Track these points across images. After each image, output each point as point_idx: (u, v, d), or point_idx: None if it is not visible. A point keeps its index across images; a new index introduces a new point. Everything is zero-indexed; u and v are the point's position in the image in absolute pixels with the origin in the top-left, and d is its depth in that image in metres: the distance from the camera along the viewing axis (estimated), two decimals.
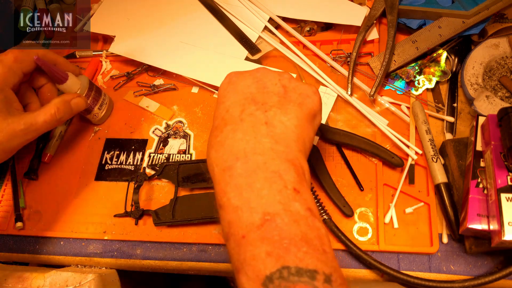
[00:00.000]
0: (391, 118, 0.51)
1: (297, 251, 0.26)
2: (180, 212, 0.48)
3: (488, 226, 0.38)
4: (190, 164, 0.51)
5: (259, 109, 0.34)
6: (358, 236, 0.46)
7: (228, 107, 0.35)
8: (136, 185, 0.51)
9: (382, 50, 0.55)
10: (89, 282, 0.46)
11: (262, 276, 0.25)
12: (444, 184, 0.45)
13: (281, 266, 0.25)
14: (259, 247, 0.26)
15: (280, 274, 0.25)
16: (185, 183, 0.51)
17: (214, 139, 0.33)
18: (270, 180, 0.29)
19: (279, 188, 0.29)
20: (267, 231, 0.27)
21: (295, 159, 0.32)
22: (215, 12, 0.62)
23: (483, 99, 0.48)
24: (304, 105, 0.35)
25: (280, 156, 0.31)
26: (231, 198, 0.29)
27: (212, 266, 0.48)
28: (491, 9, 0.51)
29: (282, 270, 0.25)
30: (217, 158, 0.32)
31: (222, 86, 0.38)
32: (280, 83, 0.36)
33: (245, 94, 0.35)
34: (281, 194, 0.29)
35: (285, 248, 0.26)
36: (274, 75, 0.37)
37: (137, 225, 0.50)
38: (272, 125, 0.33)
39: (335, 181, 0.48)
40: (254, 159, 0.30)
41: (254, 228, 0.27)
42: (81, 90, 0.52)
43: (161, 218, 0.48)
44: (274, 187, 0.29)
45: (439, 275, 0.43)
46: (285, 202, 0.28)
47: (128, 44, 0.61)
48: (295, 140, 0.33)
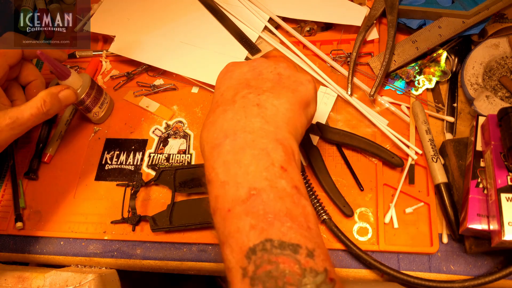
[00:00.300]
0: (391, 118, 0.51)
1: (281, 225, 0.27)
2: (177, 218, 0.48)
3: (488, 226, 0.38)
4: (187, 169, 0.51)
5: (252, 93, 0.34)
6: (358, 236, 0.46)
7: (223, 92, 0.36)
8: (132, 190, 0.51)
9: (382, 50, 0.55)
10: (89, 282, 0.46)
11: (245, 248, 0.26)
12: (444, 184, 0.45)
13: (264, 238, 0.26)
14: (244, 220, 0.27)
15: (263, 247, 0.25)
16: (182, 188, 0.50)
17: (207, 120, 0.35)
18: (258, 157, 0.30)
19: (266, 165, 0.29)
20: (252, 205, 0.28)
21: (284, 140, 0.32)
22: (215, 12, 0.62)
23: (483, 99, 0.48)
24: (297, 92, 0.36)
25: (269, 135, 0.31)
26: (219, 173, 0.30)
27: (212, 266, 0.48)
28: (491, 9, 0.51)
29: (265, 243, 0.26)
30: (208, 137, 0.33)
31: (220, 74, 0.39)
32: (276, 71, 0.37)
33: (240, 80, 0.36)
34: (267, 171, 0.29)
35: (269, 222, 0.27)
36: (270, 63, 0.38)
37: (134, 231, 0.50)
38: (263, 107, 0.33)
39: (335, 181, 0.48)
40: (243, 137, 0.31)
41: (240, 202, 0.28)
42: (82, 88, 0.53)
43: (158, 224, 0.48)
44: (261, 164, 0.29)
45: (439, 275, 0.43)
46: (271, 179, 0.29)
47: (128, 44, 0.61)
48: (285, 122, 0.33)
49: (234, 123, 0.32)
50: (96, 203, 0.53)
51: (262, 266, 0.25)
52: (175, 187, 0.50)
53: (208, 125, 0.34)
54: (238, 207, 0.28)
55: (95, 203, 0.53)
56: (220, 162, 0.30)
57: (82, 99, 0.53)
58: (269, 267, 0.25)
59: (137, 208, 0.51)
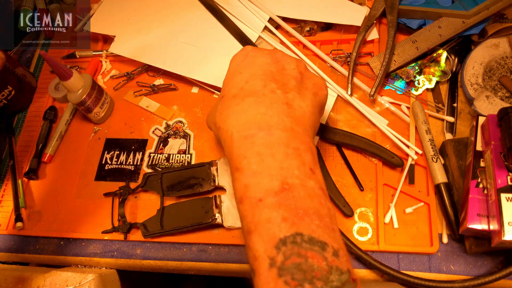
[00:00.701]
0: (391, 118, 0.51)
1: (310, 222, 0.27)
2: (168, 222, 0.48)
3: (488, 226, 0.38)
4: (173, 172, 0.51)
5: (279, 89, 0.35)
6: (358, 236, 0.46)
7: (248, 79, 0.35)
8: (120, 199, 0.51)
9: (382, 50, 0.55)
10: (89, 282, 0.46)
11: (276, 239, 0.27)
12: (444, 184, 0.45)
13: (295, 232, 0.27)
14: (276, 211, 0.28)
15: (294, 239, 0.26)
16: (170, 192, 0.50)
17: (235, 106, 0.34)
18: (291, 156, 0.31)
19: (298, 165, 0.30)
20: (284, 198, 0.28)
21: (310, 143, 0.33)
22: (215, 12, 0.62)
23: (483, 99, 0.48)
24: (318, 96, 0.37)
25: (299, 137, 0.33)
26: (252, 163, 0.30)
27: (212, 266, 0.48)
28: (491, 9, 0.51)
29: (295, 236, 0.26)
30: (238, 124, 0.33)
31: (238, 57, 0.38)
32: (298, 69, 0.37)
33: (265, 70, 0.36)
34: (299, 170, 0.30)
35: (300, 217, 0.27)
36: (292, 59, 0.38)
37: (126, 239, 0.50)
38: (292, 107, 0.34)
39: (335, 181, 0.48)
40: (277, 134, 0.32)
41: (273, 193, 0.29)
42: (84, 88, 0.53)
43: (150, 230, 0.48)
44: (294, 163, 0.30)
45: (439, 275, 0.43)
46: (302, 178, 0.30)
47: (128, 44, 0.61)
48: (310, 126, 0.35)
49: (267, 117, 0.32)
50: (96, 203, 0.53)
51: (291, 258, 0.25)
52: (163, 192, 0.50)
53: (238, 112, 0.33)
54: (271, 198, 0.28)
55: (95, 203, 0.53)
56: (253, 153, 0.31)
57: (83, 100, 0.54)
58: (298, 259, 0.25)
59: (127, 215, 0.51)
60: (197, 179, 0.50)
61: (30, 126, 0.62)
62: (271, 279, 0.25)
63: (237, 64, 0.38)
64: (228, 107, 0.34)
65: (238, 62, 0.38)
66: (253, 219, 0.28)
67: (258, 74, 0.35)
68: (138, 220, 0.50)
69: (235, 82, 0.36)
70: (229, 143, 0.33)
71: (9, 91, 0.59)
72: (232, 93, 0.35)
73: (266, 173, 0.30)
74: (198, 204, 0.49)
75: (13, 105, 0.61)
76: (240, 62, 0.37)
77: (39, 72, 0.68)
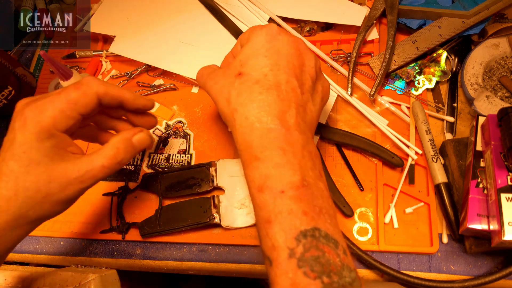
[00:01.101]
0: (391, 118, 0.51)
1: (324, 220, 0.29)
2: (166, 222, 0.48)
3: (488, 226, 0.38)
4: (171, 172, 0.51)
5: (299, 87, 0.35)
6: (358, 236, 0.46)
7: (273, 67, 0.34)
8: (119, 199, 0.51)
9: (382, 50, 0.55)
10: (89, 282, 0.46)
11: (297, 231, 0.28)
12: (444, 184, 0.45)
13: (314, 226, 0.28)
14: (298, 204, 0.29)
15: (313, 233, 0.27)
16: (168, 192, 0.50)
17: (258, 95, 0.33)
18: (306, 157, 0.32)
19: (311, 166, 0.32)
20: (304, 194, 0.30)
21: (316, 148, 0.35)
22: (215, 12, 0.62)
23: (483, 99, 0.48)
24: (324, 101, 0.39)
25: (310, 141, 0.34)
26: (274, 155, 0.31)
27: (212, 266, 0.48)
28: (491, 9, 0.51)
29: (314, 230, 0.28)
30: (260, 115, 0.32)
31: (263, 35, 0.36)
32: (315, 68, 0.37)
33: (289, 62, 0.35)
34: (313, 171, 0.32)
35: (317, 213, 0.29)
36: (312, 55, 0.38)
37: (124, 239, 0.50)
38: (305, 110, 0.35)
39: (335, 181, 0.48)
40: (295, 135, 0.32)
41: (295, 187, 0.30)
42: None
43: (148, 229, 0.48)
44: (309, 164, 0.32)
45: (439, 275, 0.43)
46: (315, 178, 0.31)
47: (128, 44, 0.61)
48: (314, 130, 0.37)
49: (288, 117, 0.33)
50: (96, 203, 0.53)
51: (310, 251, 0.27)
52: (161, 192, 0.50)
53: (261, 102, 0.33)
54: (292, 191, 0.29)
55: (95, 203, 0.53)
56: (276, 146, 0.31)
57: None
58: (317, 253, 0.27)
59: (125, 215, 0.51)
60: (196, 180, 0.50)
61: None
62: (290, 269, 0.26)
63: (262, 44, 0.36)
64: (249, 92, 0.33)
65: (263, 42, 0.36)
66: (274, 209, 0.29)
67: (283, 66, 0.34)
68: (137, 220, 0.50)
69: (258, 64, 0.35)
70: (248, 130, 0.33)
71: (9, 91, 0.59)
72: (254, 77, 0.34)
73: (288, 167, 0.30)
74: (196, 204, 0.49)
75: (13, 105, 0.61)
76: (266, 43, 0.35)
77: (39, 72, 0.68)
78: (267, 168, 0.31)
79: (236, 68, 0.36)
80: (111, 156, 0.37)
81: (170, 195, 0.50)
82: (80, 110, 0.36)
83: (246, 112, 0.33)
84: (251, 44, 0.36)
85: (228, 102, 0.35)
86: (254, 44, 0.36)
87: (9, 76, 0.59)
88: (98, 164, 0.36)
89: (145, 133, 0.40)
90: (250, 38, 0.37)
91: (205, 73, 0.40)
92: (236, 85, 0.34)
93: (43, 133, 0.34)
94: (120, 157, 0.37)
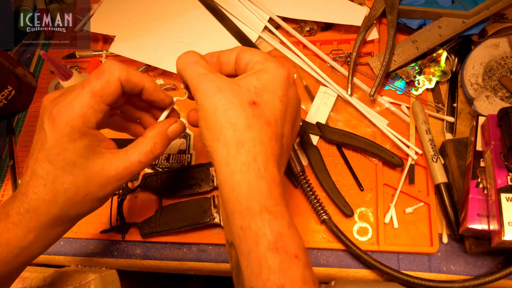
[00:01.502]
0: (391, 118, 0.51)
1: None
2: (166, 222, 0.48)
3: (488, 226, 0.38)
4: (171, 172, 0.51)
5: (291, 143, 0.35)
6: (358, 236, 0.46)
7: (282, 115, 0.32)
8: (119, 199, 0.51)
9: (382, 50, 0.55)
10: (89, 282, 0.46)
11: None
12: (444, 184, 0.45)
13: None
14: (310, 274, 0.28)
15: None
16: (168, 192, 0.50)
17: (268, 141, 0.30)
18: None
19: None
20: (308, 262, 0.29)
21: None
22: (215, 12, 0.62)
23: (483, 99, 0.48)
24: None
25: None
26: (285, 213, 0.29)
27: (212, 266, 0.48)
28: (491, 9, 0.51)
29: None
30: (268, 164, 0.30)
31: (283, 78, 0.33)
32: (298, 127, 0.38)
33: (292, 116, 0.34)
34: None
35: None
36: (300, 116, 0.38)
37: (123, 239, 0.50)
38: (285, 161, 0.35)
39: (335, 181, 0.48)
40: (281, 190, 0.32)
41: (305, 253, 0.29)
42: None
43: (148, 229, 0.48)
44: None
45: (439, 275, 0.43)
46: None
47: (128, 44, 0.61)
48: None
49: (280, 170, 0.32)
50: None
51: None
52: (161, 192, 0.50)
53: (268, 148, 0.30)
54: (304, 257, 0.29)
55: None
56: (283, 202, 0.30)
57: None
58: None
59: (126, 215, 0.51)
60: (195, 180, 0.50)
61: (30, 126, 0.62)
62: None
63: (280, 83, 0.32)
64: (260, 133, 0.30)
65: (282, 82, 0.32)
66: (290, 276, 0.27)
67: (288, 118, 0.33)
68: (137, 220, 0.50)
69: (273, 104, 0.31)
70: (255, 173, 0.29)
71: (9, 91, 0.59)
72: (267, 116, 0.31)
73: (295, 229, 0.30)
74: (196, 204, 0.49)
75: (13, 105, 0.61)
76: (284, 87, 0.33)
77: (39, 72, 0.68)
78: (281, 225, 0.28)
79: (250, 92, 0.31)
80: (148, 151, 0.35)
81: (170, 195, 0.50)
82: (107, 100, 0.34)
83: (255, 152, 0.29)
84: (270, 76, 0.32)
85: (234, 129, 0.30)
86: (273, 78, 0.32)
87: (9, 76, 0.59)
88: (136, 160, 0.35)
89: (179, 124, 0.38)
90: (268, 70, 0.33)
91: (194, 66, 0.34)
92: (248, 113, 0.30)
93: (75, 133, 0.32)
94: (157, 152, 0.36)
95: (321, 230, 0.47)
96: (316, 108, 0.53)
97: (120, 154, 0.35)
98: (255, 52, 0.35)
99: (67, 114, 0.32)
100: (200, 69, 0.33)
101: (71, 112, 0.32)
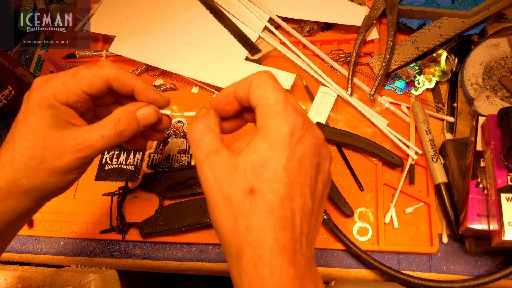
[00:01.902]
0: (391, 118, 0.51)
1: None
2: (166, 222, 0.48)
3: (488, 226, 0.38)
4: (171, 172, 0.51)
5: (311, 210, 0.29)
6: (358, 236, 0.46)
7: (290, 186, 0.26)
8: (119, 199, 0.51)
9: (382, 50, 0.55)
10: (89, 282, 0.46)
11: None
12: (444, 184, 0.45)
13: None
14: None
15: None
16: (168, 192, 0.50)
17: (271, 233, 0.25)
18: None
19: None
20: None
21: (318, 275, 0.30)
22: (215, 12, 0.62)
23: (483, 99, 0.48)
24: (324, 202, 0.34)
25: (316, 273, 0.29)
26: None
27: (212, 266, 0.48)
28: (491, 9, 0.51)
29: None
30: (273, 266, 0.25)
31: (287, 133, 0.27)
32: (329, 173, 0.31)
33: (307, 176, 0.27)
34: None
35: None
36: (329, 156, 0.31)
37: (124, 239, 0.50)
38: (314, 237, 0.30)
39: (335, 181, 0.48)
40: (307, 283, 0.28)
41: None
42: None
43: (148, 229, 0.48)
44: None
45: (439, 275, 0.43)
46: None
47: (128, 44, 0.61)
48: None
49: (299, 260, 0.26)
50: (96, 203, 0.53)
51: None
52: (161, 192, 0.50)
53: (273, 245, 0.25)
54: None
55: (95, 203, 0.53)
56: None
57: None
58: None
59: (126, 215, 0.51)
60: (196, 180, 0.50)
61: None
62: None
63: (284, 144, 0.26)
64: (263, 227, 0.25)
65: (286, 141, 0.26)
66: None
67: (300, 183, 0.27)
68: (137, 220, 0.50)
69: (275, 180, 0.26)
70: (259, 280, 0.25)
71: (9, 91, 0.59)
72: (269, 201, 0.26)
73: None
74: (196, 204, 0.49)
75: (13, 105, 0.61)
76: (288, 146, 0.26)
77: (39, 72, 0.68)
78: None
79: (246, 176, 0.26)
80: (111, 126, 0.35)
81: (170, 195, 0.50)
82: (85, 88, 0.34)
83: (255, 258, 0.25)
84: (270, 142, 0.27)
85: (233, 234, 0.26)
86: (273, 143, 0.26)
87: (9, 76, 0.59)
88: (97, 134, 0.34)
89: (151, 108, 0.36)
90: (268, 129, 0.27)
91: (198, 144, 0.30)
92: (245, 208, 0.26)
93: (44, 101, 0.34)
94: (120, 129, 0.35)
95: (321, 230, 0.47)
96: (316, 108, 0.53)
97: (84, 127, 0.35)
98: (263, 91, 0.29)
99: (43, 85, 0.34)
100: (203, 149, 0.29)
101: (47, 84, 0.34)
